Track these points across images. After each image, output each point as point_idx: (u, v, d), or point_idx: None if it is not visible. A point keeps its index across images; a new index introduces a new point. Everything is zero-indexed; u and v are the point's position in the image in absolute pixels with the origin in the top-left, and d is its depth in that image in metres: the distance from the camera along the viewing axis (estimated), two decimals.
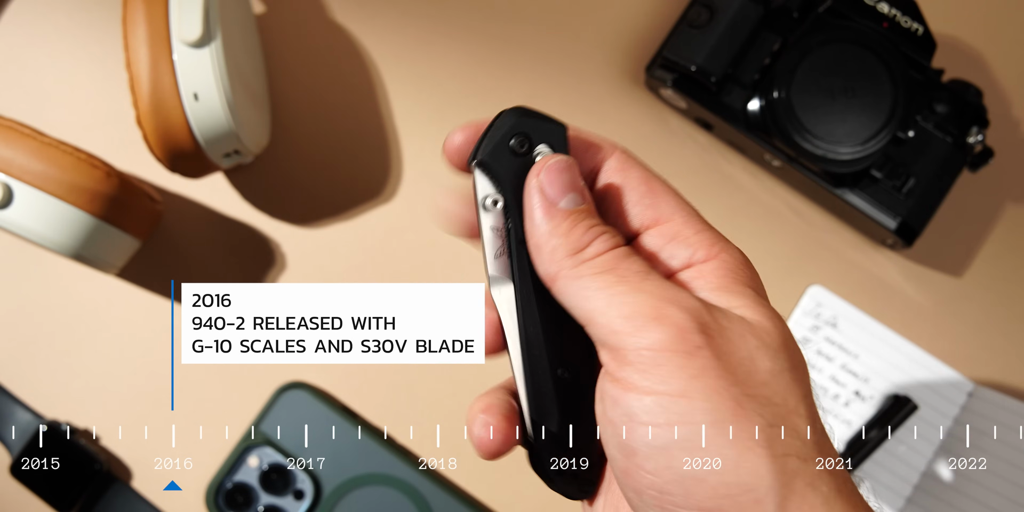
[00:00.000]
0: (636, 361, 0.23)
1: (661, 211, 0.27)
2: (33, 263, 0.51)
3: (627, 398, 0.23)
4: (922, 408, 0.50)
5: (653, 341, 0.22)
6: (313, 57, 0.53)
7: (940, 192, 0.49)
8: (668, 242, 0.26)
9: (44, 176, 0.43)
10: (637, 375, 0.23)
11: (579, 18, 0.54)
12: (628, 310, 0.23)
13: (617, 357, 0.23)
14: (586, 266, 0.24)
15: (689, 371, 0.22)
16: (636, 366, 0.23)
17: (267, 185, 0.52)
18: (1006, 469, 0.47)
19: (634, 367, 0.23)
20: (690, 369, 0.22)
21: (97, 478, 0.48)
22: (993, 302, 0.53)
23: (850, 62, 0.47)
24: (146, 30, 0.43)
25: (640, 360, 0.23)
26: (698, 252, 0.26)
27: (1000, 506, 0.46)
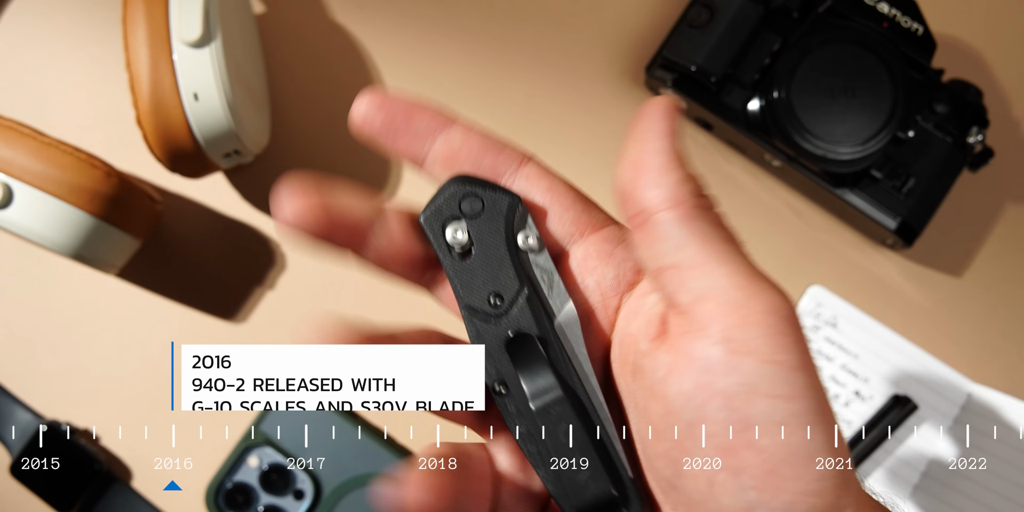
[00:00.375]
0: (750, 327, 0.22)
1: (596, 216, 0.27)
2: (33, 263, 0.51)
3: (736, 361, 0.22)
4: (922, 408, 0.50)
5: (777, 304, 0.22)
6: (313, 57, 0.53)
7: (940, 192, 0.49)
8: (616, 246, 0.26)
9: (44, 176, 0.43)
10: (743, 342, 0.22)
11: (579, 18, 0.54)
12: (746, 276, 0.22)
13: (714, 318, 0.22)
14: (710, 212, 0.23)
15: (802, 343, 0.22)
16: (742, 334, 0.22)
17: (267, 185, 0.52)
18: (1006, 469, 0.47)
19: (739, 333, 0.22)
20: (803, 342, 0.22)
21: (97, 478, 0.48)
22: (993, 302, 0.53)
23: (850, 62, 0.47)
24: (146, 30, 0.43)
25: (749, 333, 0.22)
26: None
27: (1000, 506, 0.46)
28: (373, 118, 0.26)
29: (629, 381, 0.25)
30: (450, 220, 0.25)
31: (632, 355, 0.25)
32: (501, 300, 0.25)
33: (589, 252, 0.26)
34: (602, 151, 0.51)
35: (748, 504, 0.21)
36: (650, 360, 0.23)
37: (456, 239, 0.25)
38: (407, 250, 0.26)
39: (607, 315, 0.26)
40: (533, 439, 0.25)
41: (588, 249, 0.26)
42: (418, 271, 0.27)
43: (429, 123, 0.26)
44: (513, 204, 0.26)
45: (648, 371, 0.23)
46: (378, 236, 0.26)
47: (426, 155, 0.26)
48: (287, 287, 0.51)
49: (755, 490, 0.21)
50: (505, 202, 0.26)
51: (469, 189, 0.25)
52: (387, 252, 0.26)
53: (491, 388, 0.25)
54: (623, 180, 0.24)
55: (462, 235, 0.25)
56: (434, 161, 0.26)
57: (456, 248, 0.25)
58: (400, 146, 0.26)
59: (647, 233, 0.23)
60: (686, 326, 0.22)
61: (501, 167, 0.26)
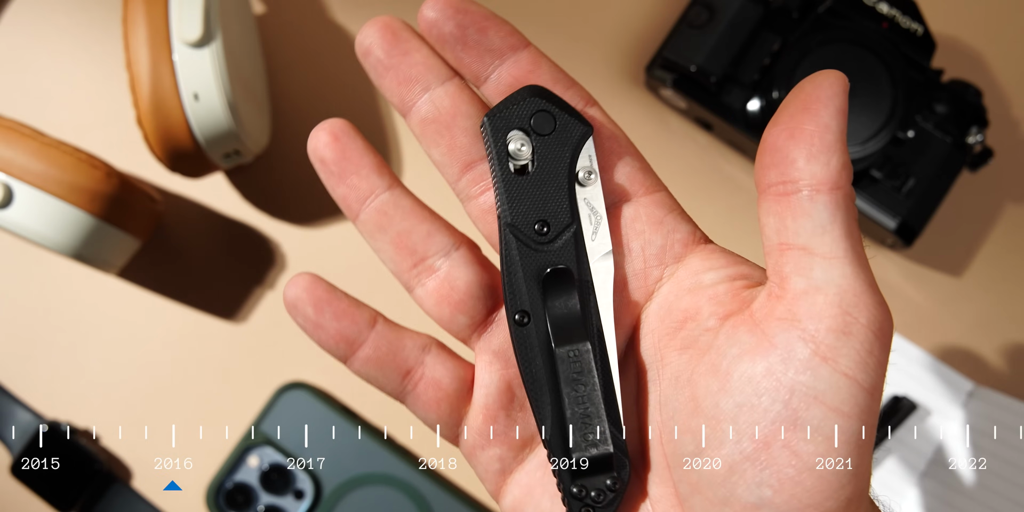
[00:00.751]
0: (846, 337, 0.21)
1: (652, 179, 0.26)
2: (33, 263, 0.51)
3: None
4: (922, 408, 0.50)
5: (882, 321, 0.22)
6: (313, 57, 0.53)
7: (940, 192, 0.49)
8: (668, 213, 0.25)
9: (44, 176, 0.43)
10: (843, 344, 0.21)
11: (579, 18, 0.54)
12: (866, 283, 0.22)
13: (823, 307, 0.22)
14: (855, 208, 0.23)
15: (885, 366, 0.22)
16: (847, 332, 0.21)
17: (267, 185, 0.52)
18: (1006, 469, 0.47)
19: (844, 332, 0.21)
20: (885, 365, 0.22)
21: (97, 478, 0.48)
22: (993, 302, 0.53)
23: (850, 62, 0.47)
24: (146, 30, 0.43)
25: (841, 342, 0.21)
26: (696, 231, 0.26)
27: (1000, 506, 0.46)
28: (443, 24, 0.24)
29: (673, 353, 0.24)
30: (516, 130, 0.24)
31: (688, 330, 0.24)
32: (548, 228, 0.24)
33: (639, 214, 0.25)
34: None
35: (760, 501, 0.21)
36: (724, 337, 0.23)
37: (520, 152, 0.24)
38: (393, 359, 0.26)
39: (645, 284, 0.25)
40: (538, 378, 0.24)
41: (639, 211, 0.25)
42: (399, 380, 0.26)
43: (504, 40, 0.24)
44: (586, 134, 0.24)
45: (716, 347, 0.23)
46: (367, 346, 0.26)
47: (490, 75, 0.25)
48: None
49: (772, 489, 0.21)
50: (579, 130, 0.24)
51: (545, 105, 0.24)
52: (373, 358, 0.26)
53: (511, 316, 0.24)
54: (778, 141, 0.22)
55: (525, 149, 0.24)
56: (498, 82, 0.25)
57: (515, 161, 0.24)
58: (465, 60, 0.24)
59: (789, 205, 0.22)
60: (783, 312, 0.22)
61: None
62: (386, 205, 0.26)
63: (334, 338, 0.26)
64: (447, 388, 0.26)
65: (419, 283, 0.26)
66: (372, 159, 0.26)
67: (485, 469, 0.27)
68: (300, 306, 0.26)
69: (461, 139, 0.25)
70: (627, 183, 0.25)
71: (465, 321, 0.26)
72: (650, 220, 0.25)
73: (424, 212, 0.26)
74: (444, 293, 0.26)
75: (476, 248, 0.27)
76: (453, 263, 0.26)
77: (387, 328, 0.26)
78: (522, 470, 0.26)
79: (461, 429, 0.27)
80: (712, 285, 0.24)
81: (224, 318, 0.51)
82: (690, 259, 0.25)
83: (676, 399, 0.24)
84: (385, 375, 0.26)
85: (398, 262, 0.26)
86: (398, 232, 0.26)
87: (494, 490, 0.27)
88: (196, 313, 0.51)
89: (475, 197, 0.26)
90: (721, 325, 0.23)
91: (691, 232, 0.25)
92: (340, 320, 0.26)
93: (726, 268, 0.24)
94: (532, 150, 0.24)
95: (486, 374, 0.26)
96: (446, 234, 0.26)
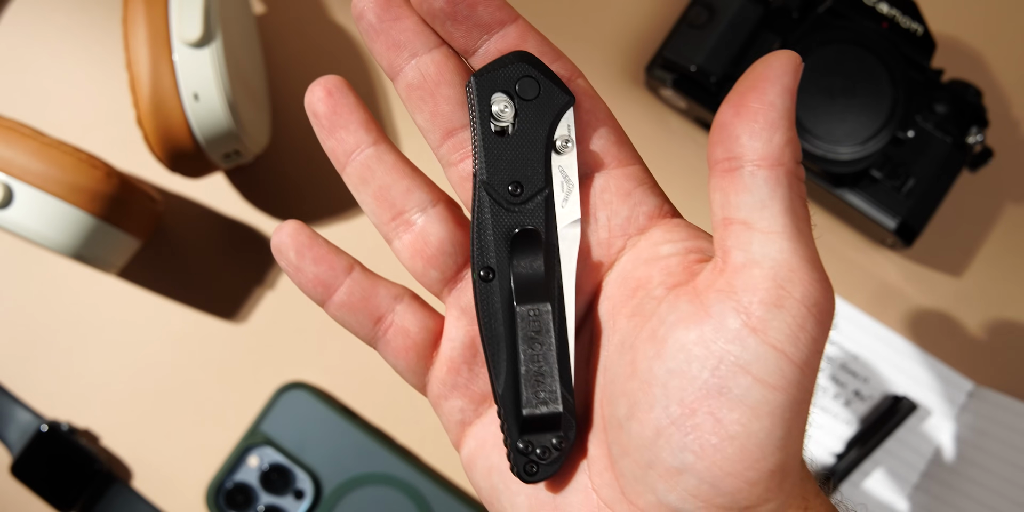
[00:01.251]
0: (778, 310, 0.22)
1: (626, 152, 0.26)
2: (33, 263, 0.51)
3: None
4: (922, 408, 0.50)
5: (817, 297, 0.22)
6: (313, 57, 0.53)
7: (940, 192, 0.49)
8: (637, 186, 0.26)
9: (44, 176, 0.43)
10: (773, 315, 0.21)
11: (579, 18, 0.54)
12: (804, 259, 0.22)
13: (760, 281, 0.22)
14: (801, 184, 0.23)
15: (819, 343, 0.22)
16: (777, 303, 0.22)
17: (267, 185, 0.52)
18: (1006, 469, 0.47)
19: (775, 304, 0.22)
20: (820, 342, 0.22)
21: (97, 478, 0.48)
22: (993, 302, 0.53)
23: (850, 62, 0.47)
24: (146, 30, 0.43)
25: (772, 314, 0.22)
26: (664, 205, 0.26)
27: (1000, 506, 0.46)
28: (433, 0, 0.24)
29: (623, 319, 0.25)
30: (500, 93, 0.25)
31: (639, 298, 0.25)
32: (521, 190, 0.25)
33: (609, 185, 0.26)
34: None
35: (682, 465, 0.22)
36: (666, 305, 0.23)
37: (502, 113, 0.25)
38: (366, 304, 0.27)
39: (607, 252, 0.26)
40: (496, 334, 0.25)
41: (609, 182, 0.26)
42: (370, 325, 0.28)
43: (493, 15, 0.25)
44: (567, 104, 0.25)
45: (658, 314, 0.23)
46: (343, 291, 0.27)
47: (478, 49, 0.25)
48: (287, 287, 0.51)
49: (695, 455, 0.22)
50: (561, 99, 0.25)
51: (531, 71, 0.25)
52: (347, 303, 0.27)
53: (476, 272, 0.25)
54: (725, 117, 0.23)
55: (508, 111, 0.25)
56: (485, 56, 0.25)
57: (497, 123, 0.25)
58: (455, 34, 0.25)
59: (732, 181, 0.23)
60: (722, 284, 0.22)
61: None
62: (370, 159, 0.27)
63: (312, 282, 0.27)
64: (415, 337, 0.27)
65: (396, 236, 0.27)
66: (361, 115, 0.27)
67: (447, 419, 0.28)
68: (283, 250, 0.27)
69: (444, 106, 0.26)
70: (602, 155, 0.26)
71: (436, 276, 0.27)
72: (619, 191, 0.26)
73: (406, 168, 0.27)
74: (418, 247, 0.27)
75: (455, 206, 0.28)
76: (429, 219, 0.27)
77: (363, 276, 0.28)
78: (479, 423, 0.27)
79: (428, 378, 0.28)
80: (667, 256, 0.25)
81: (224, 318, 0.51)
82: (653, 231, 0.26)
83: (618, 363, 0.24)
84: (358, 320, 0.28)
85: (379, 214, 0.27)
86: (379, 186, 0.27)
87: (455, 441, 0.28)
88: (196, 313, 0.51)
89: (455, 164, 0.27)
90: (667, 294, 0.24)
91: (658, 206, 0.26)
92: (318, 265, 0.27)
93: (684, 241, 0.25)
94: (514, 113, 0.25)
95: (453, 328, 0.27)
96: (425, 191, 0.27)
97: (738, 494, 0.22)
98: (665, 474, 0.22)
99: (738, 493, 0.22)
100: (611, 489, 0.24)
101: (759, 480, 0.22)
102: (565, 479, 0.25)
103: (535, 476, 0.25)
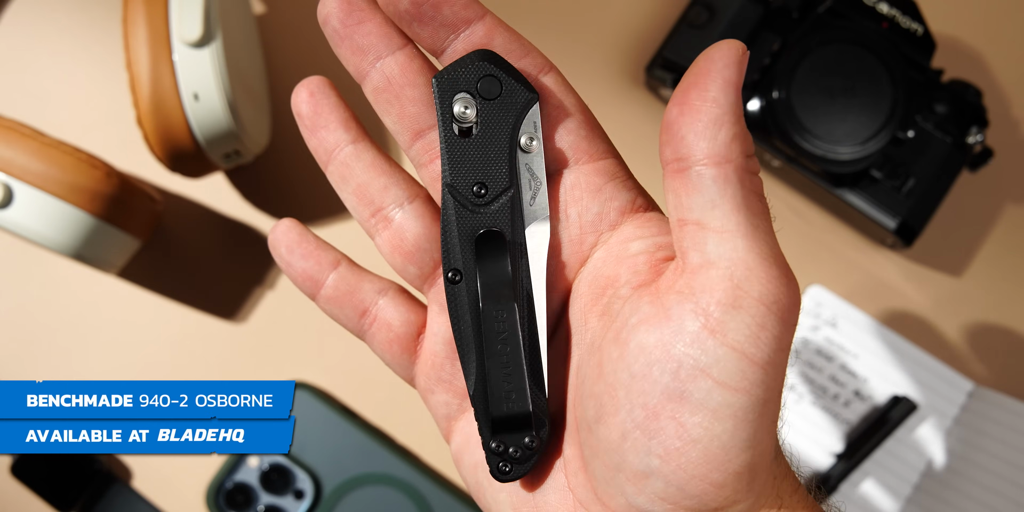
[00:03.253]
0: (736, 310, 0.21)
1: (597, 146, 0.26)
2: (33, 263, 0.51)
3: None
4: (922, 408, 0.50)
5: (777, 295, 0.21)
6: (313, 57, 0.53)
7: (940, 192, 0.49)
8: (608, 181, 0.26)
9: (44, 176, 0.43)
10: (731, 317, 0.21)
11: (579, 18, 0.54)
12: (761, 256, 0.22)
13: (716, 282, 0.22)
14: (753, 178, 0.23)
15: (783, 341, 0.22)
16: (739, 304, 0.21)
17: (267, 185, 0.52)
18: (1006, 469, 0.47)
19: (735, 305, 0.21)
20: (784, 340, 0.22)
21: (97, 478, 0.48)
22: (993, 302, 0.53)
23: (850, 62, 0.47)
24: (146, 30, 0.43)
25: (730, 316, 0.21)
26: (638, 199, 0.26)
27: (1000, 506, 0.46)
28: (399, 1, 0.24)
29: (594, 319, 0.25)
30: (463, 93, 0.25)
31: (608, 297, 0.24)
32: (485, 191, 0.25)
33: (579, 181, 0.26)
34: None
35: (648, 469, 0.22)
36: (629, 306, 0.23)
37: (464, 114, 0.25)
38: (352, 299, 0.28)
39: (579, 250, 0.26)
40: (466, 335, 0.25)
41: (579, 178, 0.26)
42: (356, 319, 0.28)
43: (458, 14, 0.25)
44: (531, 101, 0.25)
45: (622, 315, 0.23)
46: (330, 285, 0.28)
47: (446, 49, 0.25)
48: (287, 287, 0.51)
49: (660, 459, 0.22)
50: (524, 97, 0.25)
51: (492, 70, 0.25)
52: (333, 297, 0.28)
53: (445, 274, 0.25)
54: (671, 117, 0.23)
55: (470, 112, 0.25)
56: (452, 55, 0.25)
57: (459, 123, 0.25)
58: (421, 35, 0.25)
59: (683, 182, 0.23)
60: (681, 286, 0.22)
61: (522, 71, 0.25)
62: (348, 158, 0.27)
63: (301, 276, 0.28)
64: (397, 330, 0.28)
65: (376, 232, 0.28)
66: (341, 114, 0.27)
67: (435, 413, 0.28)
68: (276, 247, 0.28)
69: (410, 108, 0.26)
70: (570, 151, 0.26)
71: (415, 271, 0.27)
72: (589, 187, 0.26)
73: (384, 165, 0.28)
74: (396, 243, 0.27)
75: (432, 202, 0.28)
76: (405, 215, 0.27)
77: (349, 270, 0.28)
78: (464, 418, 0.27)
79: (415, 372, 0.28)
80: (635, 255, 0.25)
81: (224, 318, 0.51)
82: (624, 227, 0.26)
83: (588, 364, 0.24)
84: (344, 314, 0.28)
85: (360, 211, 0.28)
86: (358, 184, 0.27)
87: (444, 434, 0.28)
88: (196, 313, 0.51)
89: (426, 165, 0.27)
90: (631, 294, 0.24)
91: (630, 200, 0.26)
92: (306, 260, 0.28)
93: (654, 237, 0.25)
94: (476, 113, 0.25)
95: (435, 324, 0.27)
96: (403, 187, 0.27)
97: (705, 497, 0.22)
98: (633, 477, 0.22)
99: (705, 495, 0.22)
100: (585, 489, 0.24)
101: (726, 482, 0.21)
102: (541, 478, 0.25)
103: (508, 475, 0.25)
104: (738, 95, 0.22)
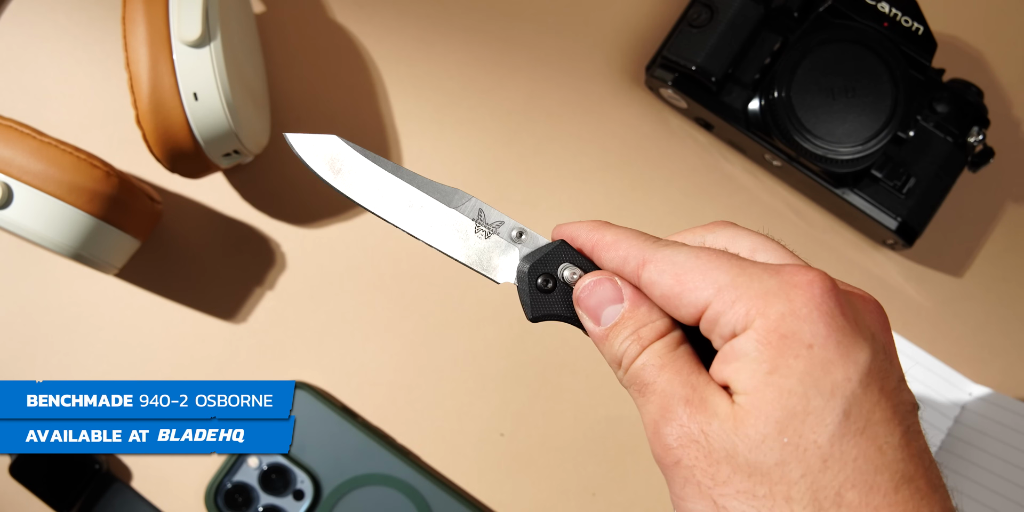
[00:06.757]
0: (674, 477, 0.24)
1: (701, 295, 0.27)
2: (33, 263, 0.51)
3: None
4: (922, 408, 0.50)
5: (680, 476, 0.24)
6: (313, 57, 0.53)
7: (940, 192, 0.49)
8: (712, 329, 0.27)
9: (44, 176, 0.43)
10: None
11: (579, 18, 0.54)
12: (661, 441, 0.25)
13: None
14: (626, 378, 0.26)
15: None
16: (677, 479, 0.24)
17: (267, 185, 0.52)
18: (1006, 469, 0.47)
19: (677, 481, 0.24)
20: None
21: (97, 478, 0.48)
22: (993, 302, 0.52)
23: (850, 62, 0.47)
24: (146, 30, 0.43)
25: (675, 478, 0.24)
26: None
27: (1000, 506, 0.46)
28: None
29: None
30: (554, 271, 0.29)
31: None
32: None
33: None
34: (602, 151, 0.51)
35: None
36: None
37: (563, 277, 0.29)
38: None
39: None
40: None
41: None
42: None
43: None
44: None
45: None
46: None
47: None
48: (287, 287, 0.51)
49: None
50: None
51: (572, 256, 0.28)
52: None
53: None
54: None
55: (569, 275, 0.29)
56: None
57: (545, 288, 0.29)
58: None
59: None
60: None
61: None
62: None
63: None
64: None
65: None
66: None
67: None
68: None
69: None
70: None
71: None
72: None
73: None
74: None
75: None
76: None
77: None
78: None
79: None
80: None
81: (224, 318, 0.51)
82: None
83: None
84: None
85: None
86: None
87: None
88: (196, 313, 0.51)
89: None
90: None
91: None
92: None
93: None
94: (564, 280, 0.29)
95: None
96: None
97: None
98: None
99: None
100: None
101: None
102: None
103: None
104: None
